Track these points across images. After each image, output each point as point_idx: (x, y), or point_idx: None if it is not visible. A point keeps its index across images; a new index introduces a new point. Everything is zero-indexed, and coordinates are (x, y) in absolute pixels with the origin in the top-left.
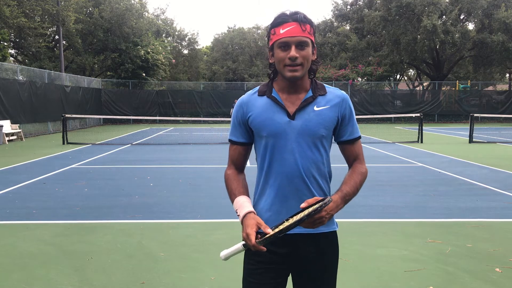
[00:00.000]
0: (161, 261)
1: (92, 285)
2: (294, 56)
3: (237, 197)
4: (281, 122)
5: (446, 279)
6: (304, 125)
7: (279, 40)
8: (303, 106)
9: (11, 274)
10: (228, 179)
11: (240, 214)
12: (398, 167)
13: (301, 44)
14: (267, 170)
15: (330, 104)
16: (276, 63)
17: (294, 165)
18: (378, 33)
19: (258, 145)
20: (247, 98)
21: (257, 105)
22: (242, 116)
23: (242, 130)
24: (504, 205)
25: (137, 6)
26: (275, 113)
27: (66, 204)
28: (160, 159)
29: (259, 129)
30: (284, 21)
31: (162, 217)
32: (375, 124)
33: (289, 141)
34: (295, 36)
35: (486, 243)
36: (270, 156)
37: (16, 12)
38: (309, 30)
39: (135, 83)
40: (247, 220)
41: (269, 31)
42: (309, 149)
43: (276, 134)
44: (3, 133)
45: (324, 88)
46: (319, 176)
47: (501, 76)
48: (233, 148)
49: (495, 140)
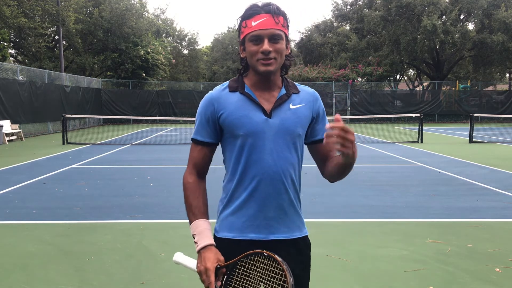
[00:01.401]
0: (161, 261)
1: (92, 285)
2: (267, 50)
3: (197, 220)
4: (258, 120)
5: (446, 279)
6: (282, 124)
7: (251, 33)
8: (279, 104)
9: (11, 274)
10: (189, 189)
11: (200, 244)
12: (398, 167)
13: (274, 37)
14: (242, 172)
15: (304, 102)
16: (248, 57)
17: (273, 166)
18: (378, 33)
19: (230, 147)
20: (217, 93)
21: (230, 102)
22: (212, 114)
23: (210, 129)
24: (504, 205)
25: (137, 6)
26: (250, 111)
27: (66, 204)
28: (160, 159)
29: (234, 128)
30: (255, 12)
31: (162, 217)
32: (375, 124)
33: (266, 140)
34: (267, 29)
35: (486, 243)
36: (247, 157)
37: (16, 12)
38: (283, 22)
39: (135, 83)
40: (208, 253)
41: (240, 24)
42: (287, 149)
43: (253, 133)
44: (3, 133)
45: (296, 87)
46: (295, 177)
47: (501, 76)
48: (198, 150)
49: (495, 140)
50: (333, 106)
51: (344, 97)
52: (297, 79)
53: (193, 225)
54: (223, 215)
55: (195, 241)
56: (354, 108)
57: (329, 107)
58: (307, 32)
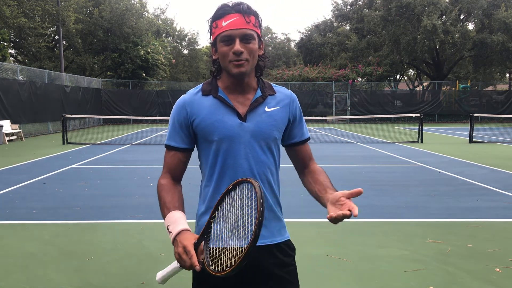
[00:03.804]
0: (161, 261)
1: (92, 285)
2: (239, 51)
3: (170, 212)
4: (233, 124)
5: (446, 279)
6: (257, 127)
7: (222, 33)
8: (254, 107)
9: (11, 274)
10: (162, 190)
11: (173, 232)
12: (398, 167)
13: (246, 38)
14: (218, 178)
15: (280, 104)
16: (220, 59)
17: (248, 171)
18: (378, 33)
19: (205, 151)
20: (190, 98)
21: (203, 106)
22: (185, 119)
23: (183, 135)
24: (504, 205)
25: (137, 6)
26: (224, 115)
27: (66, 204)
28: (160, 159)
29: (207, 133)
30: (226, 12)
31: (162, 217)
32: (375, 124)
33: (242, 145)
34: (238, 29)
35: (486, 243)
36: (222, 162)
37: (16, 12)
38: (254, 22)
39: (135, 83)
40: (183, 235)
41: (210, 24)
42: (263, 153)
43: (228, 137)
44: (3, 133)
45: (272, 88)
46: (273, 181)
47: (501, 76)
48: (171, 155)
49: (495, 140)
50: (333, 106)
51: (344, 97)
52: (297, 79)
53: (167, 218)
54: (201, 221)
55: (169, 230)
56: (354, 108)
57: (329, 107)
58: (307, 32)
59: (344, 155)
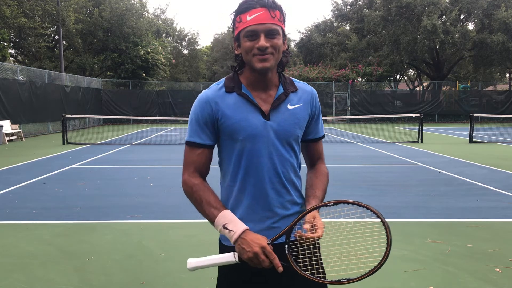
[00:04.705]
0: (161, 261)
1: (92, 285)
2: (263, 46)
3: (222, 211)
4: (257, 123)
5: (446, 279)
6: (280, 126)
7: (246, 28)
8: (277, 105)
9: (11, 274)
10: (199, 189)
11: (236, 230)
12: (398, 167)
13: (271, 33)
14: (243, 178)
15: (302, 101)
16: (243, 54)
17: (272, 170)
18: (378, 33)
19: (228, 150)
20: (213, 94)
21: (228, 104)
22: (210, 115)
23: (208, 131)
24: (504, 205)
25: (137, 6)
26: (249, 113)
27: (66, 204)
28: (160, 159)
29: (233, 132)
30: (250, 6)
31: (162, 217)
32: (375, 124)
33: (265, 144)
34: (263, 24)
35: (486, 243)
36: (247, 162)
37: (16, 12)
38: (279, 17)
39: (135, 83)
40: (251, 235)
41: (234, 19)
42: (286, 152)
43: (253, 136)
44: (3, 133)
45: (294, 84)
46: (296, 179)
47: (501, 76)
48: (198, 153)
49: (495, 140)
50: (333, 106)
51: (344, 97)
52: (297, 79)
53: (220, 216)
54: None
55: (229, 229)
56: (354, 108)
57: (329, 107)
58: (307, 32)
59: (344, 155)
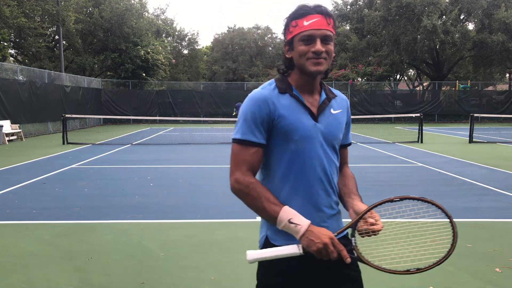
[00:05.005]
0: (161, 261)
1: (92, 285)
2: (319, 50)
3: (283, 207)
4: (309, 125)
5: (446, 279)
6: (327, 129)
7: (303, 32)
8: (323, 109)
9: (11, 274)
10: (257, 187)
11: (302, 224)
12: (398, 167)
13: (326, 39)
14: (295, 178)
15: (341, 107)
16: (296, 57)
17: (322, 172)
18: (378, 33)
19: (279, 149)
20: (269, 94)
21: (283, 104)
22: (267, 115)
23: (263, 130)
24: (504, 205)
25: (137, 6)
26: (301, 114)
27: (66, 204)
28: (160, 159)
29: (288, 132)
30: (307, 12)
31: (162, 217)
32: (375, 124)
33: (315, 146)
34: (320, 29)
35: (486, 243)
36: (301, 162)
37: (16, 12)
38: (333, 25)
39: (135, 83)
40: (316, 228)
41: (288, 23)
42: (332, 154)
43: (306, 138)
44: (3, 133)
45: (332, 91)
46: (336, 180)
47: (501, 76)
48: (252, 152)
49: (495, 140)
50: None
51: None
52: None
53: (283, 212)
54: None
55: (295, 223)
56: (354, 108)
57: None
58: None
59: None
